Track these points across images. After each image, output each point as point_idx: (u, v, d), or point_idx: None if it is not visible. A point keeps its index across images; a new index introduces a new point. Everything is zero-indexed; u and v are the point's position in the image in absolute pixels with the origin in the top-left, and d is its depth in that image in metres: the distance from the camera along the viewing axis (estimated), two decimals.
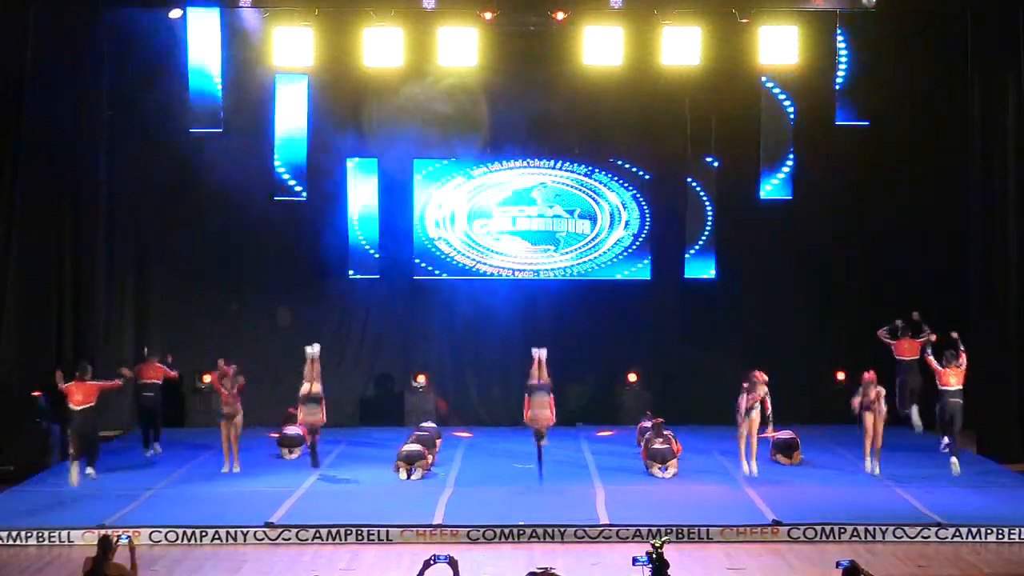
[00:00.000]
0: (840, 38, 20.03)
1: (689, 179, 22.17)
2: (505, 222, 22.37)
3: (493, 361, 22.38)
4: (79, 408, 17.05)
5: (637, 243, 22.36)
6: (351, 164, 22.05)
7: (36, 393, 18.62)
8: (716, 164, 22.06)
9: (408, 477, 17.51)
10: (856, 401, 17.66)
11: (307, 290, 22.32)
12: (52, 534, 14.72)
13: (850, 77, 20.16)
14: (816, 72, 20.41)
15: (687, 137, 22.01)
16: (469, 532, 14.81)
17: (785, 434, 18.47)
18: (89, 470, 17.23)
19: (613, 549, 14.26)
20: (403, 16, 19.47)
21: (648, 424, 18.83)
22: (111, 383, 17.81)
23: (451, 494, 16.58)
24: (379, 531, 14.79)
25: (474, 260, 22.37)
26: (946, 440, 18.16)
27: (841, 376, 21.41)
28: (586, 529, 14.89)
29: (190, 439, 20.29)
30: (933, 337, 18.93)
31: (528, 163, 22.45)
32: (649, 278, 22.37)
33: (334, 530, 14.81)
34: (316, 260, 22.29)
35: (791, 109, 21.31)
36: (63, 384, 17.12)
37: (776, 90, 21.17)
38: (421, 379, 21.92)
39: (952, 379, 17.63)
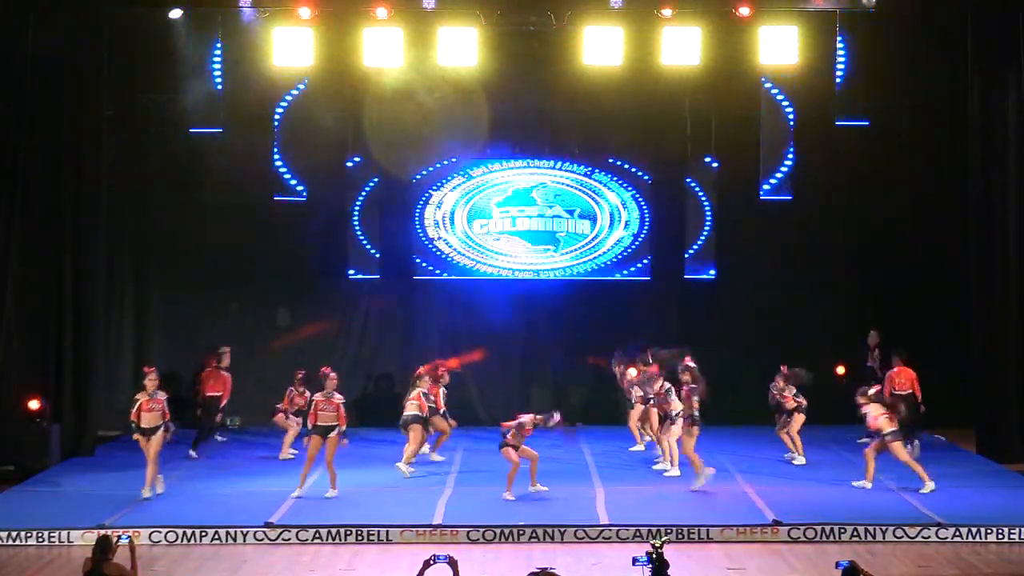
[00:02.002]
0: (840, 38, 20.03)
1: (689, 179, 22.19)
2: (505, 222, 22.36)
3: (493, 361, 22.35)
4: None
5: (637, 243, 22.34)
6: (351, 164, 22.06)
7: (36, 407, 18.57)
8: (716, 164, 22.06)
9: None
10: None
11: (307, 290, 22.31)
12: (52, 534, 14.71)
13: (850, 77, 20.16)
14: (816, 72, 20.42)
15: (687, 137, 22.02)
16: (469, 532, 14.81)
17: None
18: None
19: (613, 549, 14.26)
20: (403, 16, 19.48)
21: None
22: None
23: (451, 494, 16.58)
24: (379, 531, 14.78)
25: (474, 260, 22.35)
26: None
27: (841, 370, 21.33)
28: (586, 529, 14.89)
29: (189, 439, 20.25)
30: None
31: (528, 163, 22.44)
32: (649, 278, 22.37)
33: (334, 530, 14.80)
34: (316, 260, 22.28)
35: (791, 109, 21.32)
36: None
37: (776, 90, 21.18)
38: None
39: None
